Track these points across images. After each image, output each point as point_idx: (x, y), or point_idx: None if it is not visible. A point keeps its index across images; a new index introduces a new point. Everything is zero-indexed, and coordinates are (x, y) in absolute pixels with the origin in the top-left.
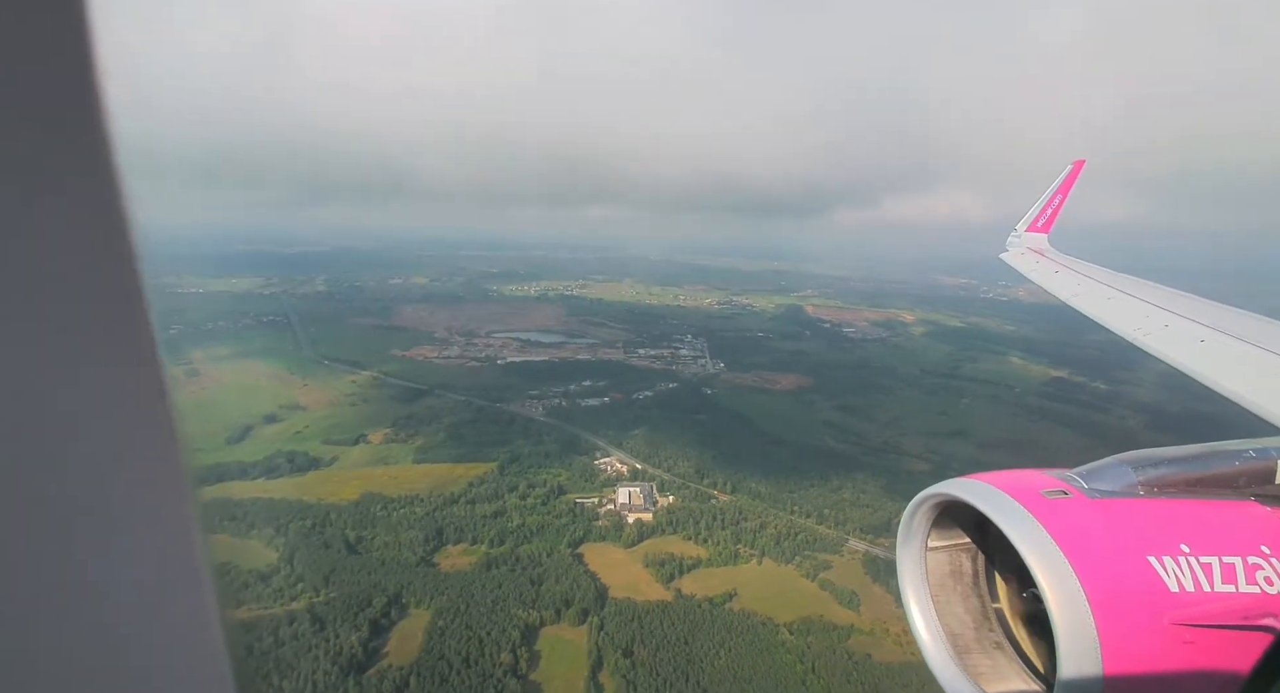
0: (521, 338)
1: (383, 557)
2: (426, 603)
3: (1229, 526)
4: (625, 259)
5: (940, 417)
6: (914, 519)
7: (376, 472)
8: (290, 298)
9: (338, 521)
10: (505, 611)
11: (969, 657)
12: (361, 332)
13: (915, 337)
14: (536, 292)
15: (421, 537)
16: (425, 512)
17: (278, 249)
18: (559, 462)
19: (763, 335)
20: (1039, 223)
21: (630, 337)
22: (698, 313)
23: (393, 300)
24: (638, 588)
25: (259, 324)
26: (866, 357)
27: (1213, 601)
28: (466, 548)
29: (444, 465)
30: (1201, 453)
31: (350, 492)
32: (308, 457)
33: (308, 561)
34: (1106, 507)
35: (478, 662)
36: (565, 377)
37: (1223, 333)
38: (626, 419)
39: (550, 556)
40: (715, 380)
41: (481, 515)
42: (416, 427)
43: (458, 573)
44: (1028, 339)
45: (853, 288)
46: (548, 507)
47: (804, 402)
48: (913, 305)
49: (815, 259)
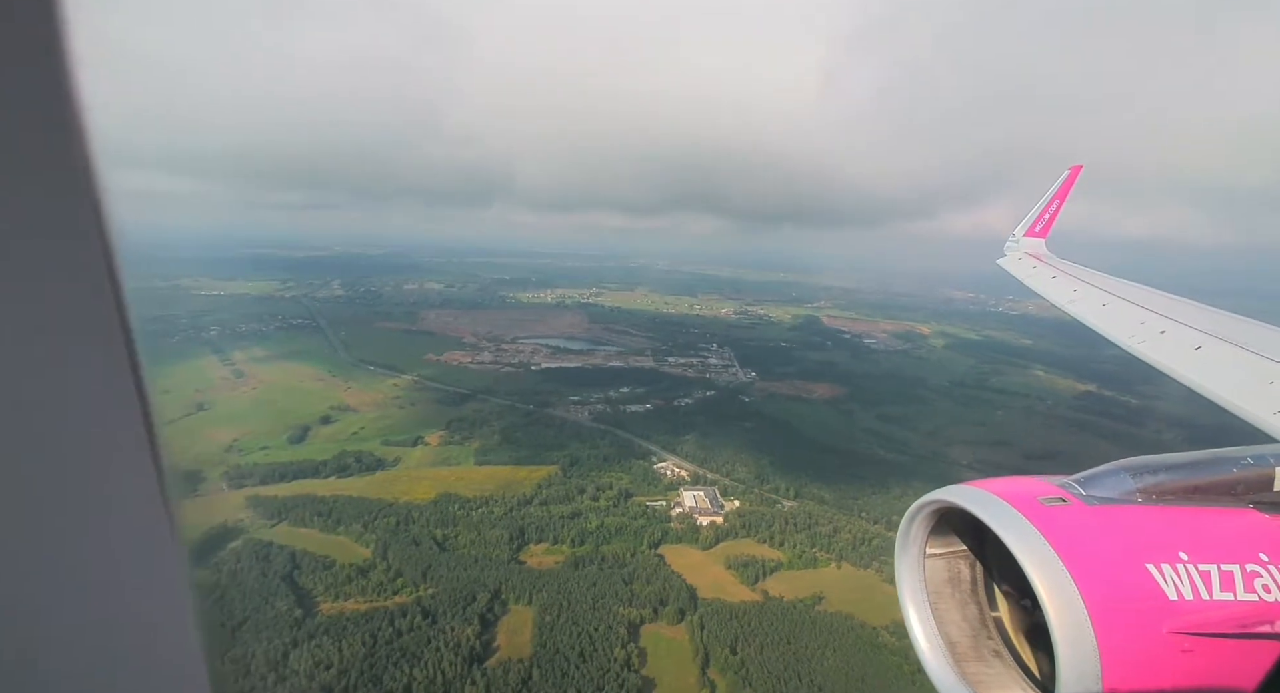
0: (549, 344)
1: (474, 554)
2: (525, 599)
3: (1227, 533)
4: (631, 268)
5: (980, 428)
6: (912, 526)
7: (442, 472)
8: (311, 302)
9: (419, 519)
10: (606, 608)
11: (968, 665)
12: (390, 336)
13: (936, 349)
14: (553, 299)
15: (505, 536)
16: (503, 512)
17: (286, 253)
18: (617, 466)
19: (785, 345)
20: (1036, 227)
21: (655, 345)
22: (716, 322)
23: (413, 306)
24: (724, 589)
25: (289, 327)
26: (893, 368)
27: (1212, 609)
28: (549, 547)
29: (506, 468)
30: (1200, 460)
31: (423, 492)
32: (373, 457)
33: (403, 557)
34: (1105, 514)
35: (591, 657)
36: (602, 383)
37: (1220, 339)
38: (673, 425)
39: (633, 556)
40: (750, 389)
41: (558, 516)
42: (469, 430)
43: (547, 571)
44: (1047, 353)
45: (863, 300)
46: (620, 509)
47: (842, 411)
48: (927, 318)
49: (820, 270)
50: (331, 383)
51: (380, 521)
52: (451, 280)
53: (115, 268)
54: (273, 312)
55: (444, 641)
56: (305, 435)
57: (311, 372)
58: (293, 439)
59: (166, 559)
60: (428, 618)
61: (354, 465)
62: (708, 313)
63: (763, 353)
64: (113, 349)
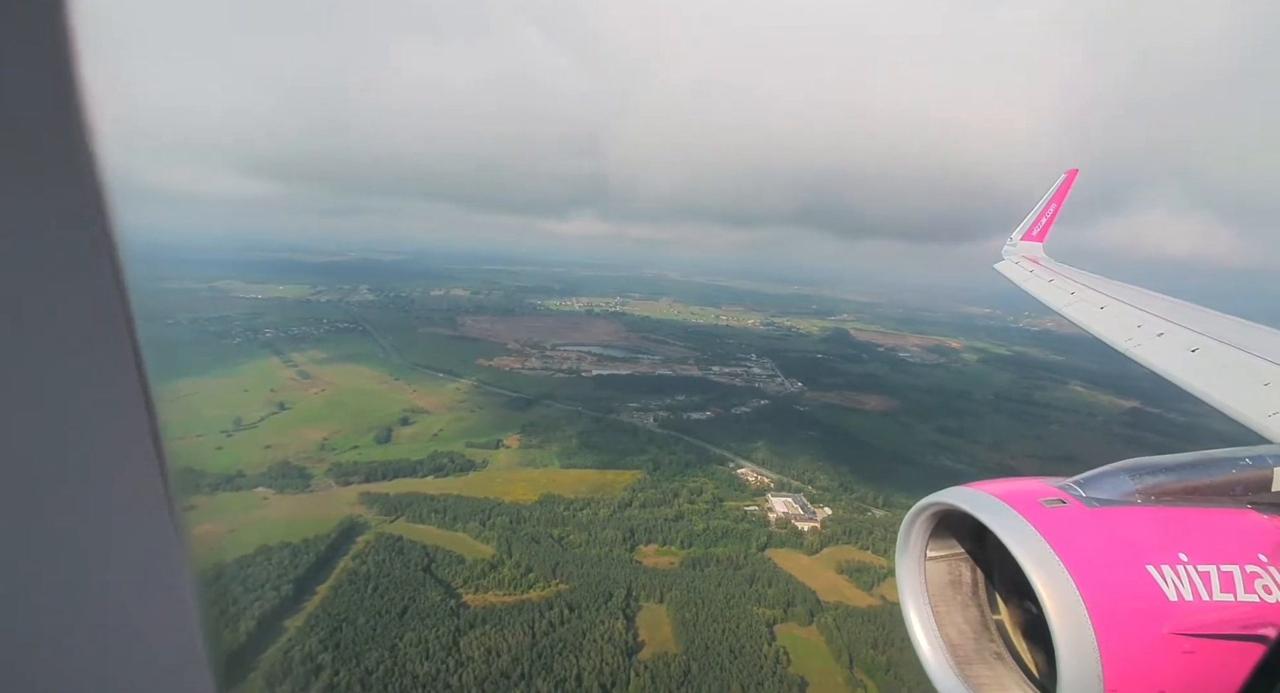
0: (591, 352)
1: (593, 553)
2: (655, 597)
3: (1227, 534)
4: (645, 278)
5: (1039, 442)
6: (912, 529)
7: (533, 474)
8: (348, 306)
9: (530, 518)
10: (739, 607)
11: (969, 668)
12: (436, 341)
13: (971, 363)
14: (581, 307)
15: (619, 536)
16: (608, 514)
17: (306, 258)
18: (699, 471)
19: (822, 356)
20: (1034, 231)
21: (695, 354)
22: (747, 333)
23: (447, 311)
24: (841, 592)
25: (337, 330)
26: (935, 381)
27: (1212, 610)
28: (659, 548)
29: (592, 471)
30: (1199, 461)
31: (522, 493)
32: (463, 458)
33: (529, 554)
34: (1105, 515)
35: (741, 653)
36: (657, 390)
37: (1217, 341)
38: (740, 433)
39: (745, 559)
40: (802, 399)
41: (661, 519)
42: (544, 434)
43: (667, 571)
44: (1081, 369)
45: (884, 314)
46: (717, 513)
47: (900, 423)
48: (953, 333)
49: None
50: (395, 386)
51: (494, 519)
52: (475, 287)
53: (119, 267)
54: (315, 315)
55: (599, 633)
56: (389, 436)
57: (372, 374)
58: (379, 439)
59: (171, 559)
60: (574, 612)
61: (448, 466)
62: (736, 324)
63: (802, 364)
64: (117, 348)
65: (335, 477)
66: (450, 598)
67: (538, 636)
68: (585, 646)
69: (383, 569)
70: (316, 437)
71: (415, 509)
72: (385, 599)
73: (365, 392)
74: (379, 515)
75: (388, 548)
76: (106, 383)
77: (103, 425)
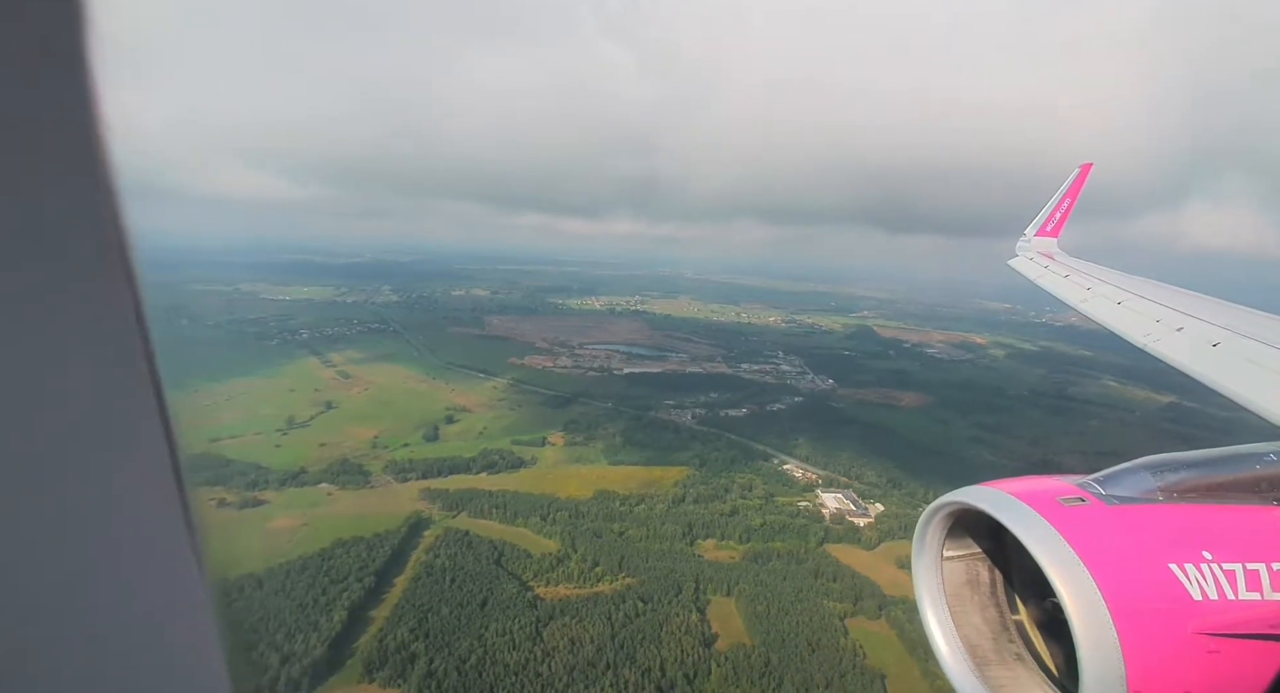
0: (619, 350)
1: (655, 548)
2: (722, 590)
3: (1252, 531)
4: (660, 277)
5: (1080, 437)
6: (928, 529)
7: (583, 471)
8: (373, 307)
9: (588, 513)
10: (808, 601)
11: (989, 669)
12: (466, 340)
13: (999, 359)
14: (602, 306)
15: (678, 531)
16: (663, 509)
17: (324, 259)
18: (744, 467)
19: (849, 353)
20: (1048, 227)
21: (722, 351)
22: (770, 331)
23: (471, 311)
24: (904, 587)
25: (368, 331)
26: (965, 377)
27: (1237, 609)
28: (718, 543)
29: (639, 468)
30: (1221, 457)
31: (576, 489)
32: (513, 455)
33: (594, 548)
34: (1125, 514)
35: (818, 646)
36: (690, 388)
37: (1240, 335)
38: (779, 429)
39: (806, 553)
40: (835, 396)
41: (717, 514)
42: (586, 431)
43: (728, 564)
44: (1110, 364)
45: (904, 310)
46: (770, 509)
47: (937, 419)
48: (976, 329)
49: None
50: (433, 385)
51: (553, 514)
52: (495, 287)
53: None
54: (345, 316)
55: (675, 625)
56: (437, 434)
57: (409, 374)
58: (427, 437)
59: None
60: (647, 604)
61: (500, 462)
62: (757, 322)
63: (830, 361)
64: (129, 347)
65: (393, 473)
66: (524, 591)
67: (616, 627)
68: (663, 637)
69: (456, 563)
70: (367, 434)
71: (475, 505)
72: (464, 591)
73: (406, 391)
74: (442, 511)
75: (456, 542)
76: (119, 383)
77: (114, 426)
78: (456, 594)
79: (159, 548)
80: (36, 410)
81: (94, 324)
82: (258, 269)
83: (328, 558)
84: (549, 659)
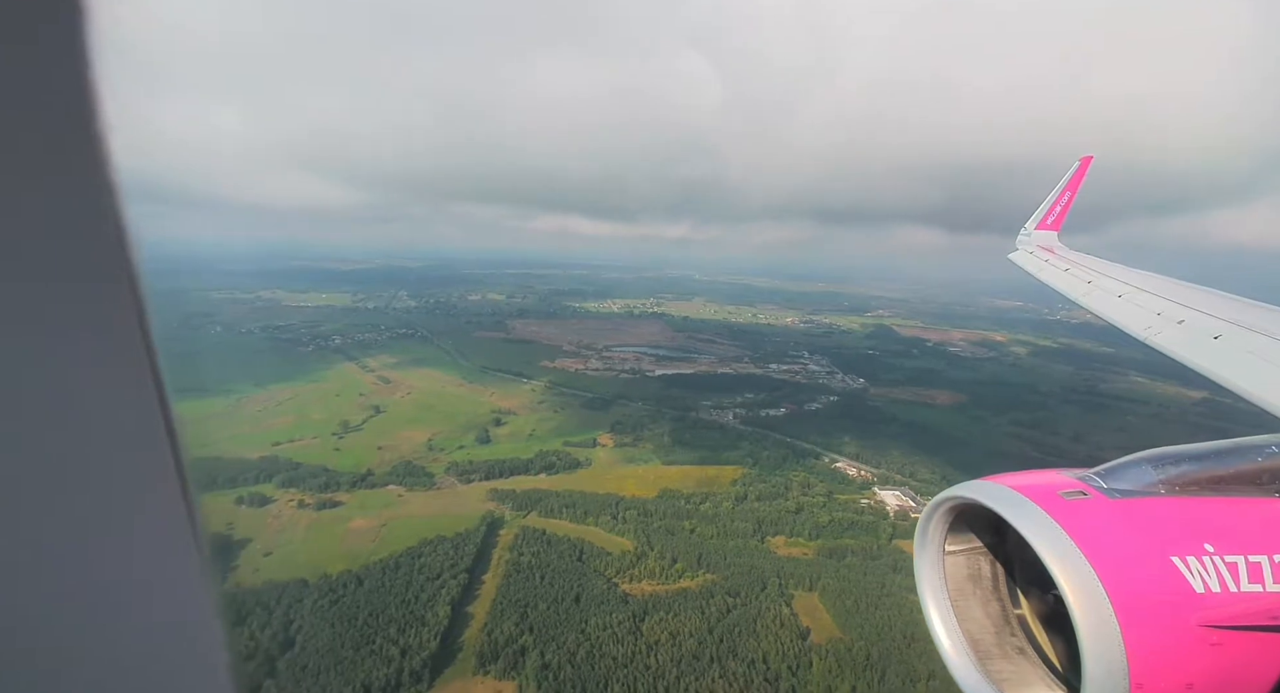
0: (646, 352)
1: (731, 545)
2: (804, 585)
3: (1254, 523)
4: (668, 279)
5: (1122, 434)
6: (930, 523)
7: (638, 471)
8: (394, 312)
9: (656, 511)
10: (894, 595)
11: (991, 663)
12: (493, 344)
13: (1022, 356)
14: (619, 309)
15: (748, 528)
16: (729, 506)
17: (332, 265)
18: (796, 465)
19: (873, 353)
20: (1049, 220)
21: (747, 352)
22: (790, 331)
23: (491, 316)
24: None
25: (397, 336)
26: (994, 375)
27: (1240, 601)
28: (787, 539)
29: (693, 467)
30: (1223, 449)
31: (634, 488)
32: (569, 456)
33: (671, 546)
34: (1127, 507)
35: (914, 639)
36: (723, 389)
37: (1242, 327)
38: (822, 428)
39: (879, 549)
40: (869, 395)
41: (783, 511)
42: (634, 432)
43: (803, 560)
44: (1136, 360)
45: (918, 309)
46: (834, 506)
47: (974, 417)
48: (993, 327)
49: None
50: (472, 388)
51: (622, 513)
52: (510, 291)
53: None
54: (369, 322)
55: (769, 619)
56: (488, 436)
57: (446, 378)
58: (479, 439)
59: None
60: (734, 597)
61: (557, 463)
62: (775, 322)
63: (857, 360)
64: (132, 349)
65: (455, 475)
66: (611, 587)
67: (711, 622)
68: (758, 630)
69: (540, 560)
70: (421, 438)
71: (544, 505)
72: (555, 587)
73: (447, 395)
74: (512, 511)
75: (534, 540)
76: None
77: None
78: (548, 590)
79: (162, 550)
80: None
81: (96, 325)
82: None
83: (417, 556)
84: (653, 652)
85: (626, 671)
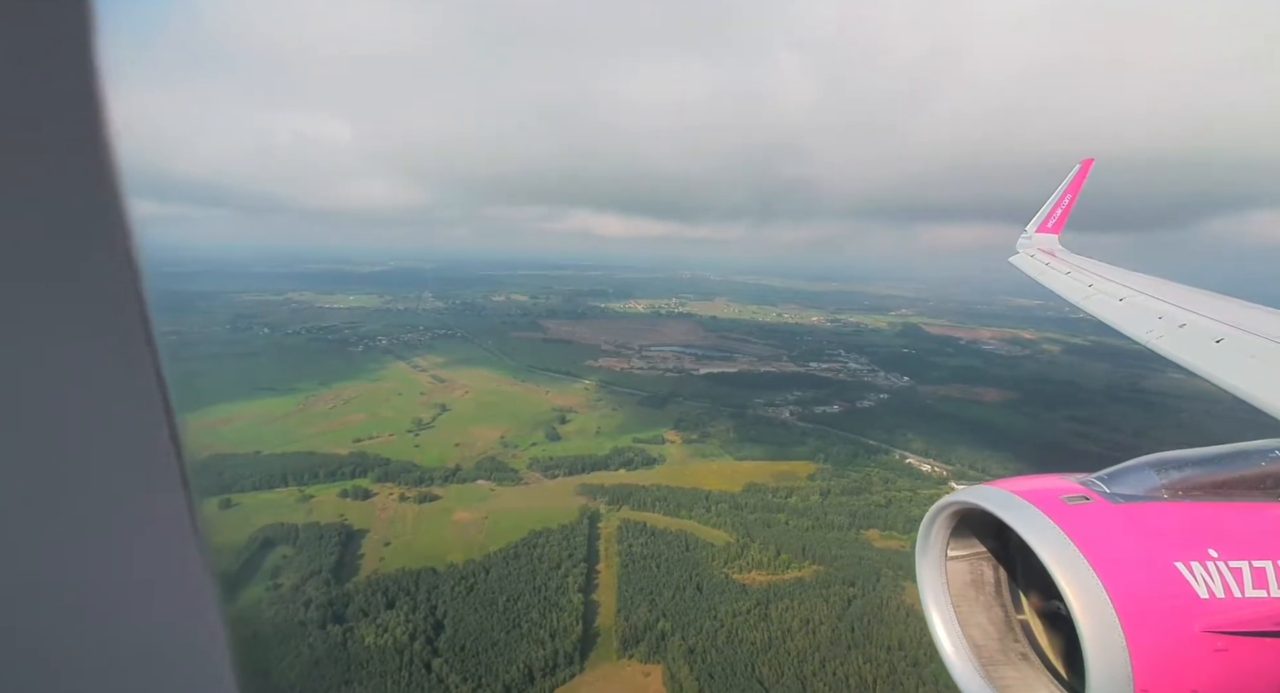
0: (685, 351)
1: (830, 538)
2: (909, 575)
3: (1258, 528)
4: (686, 279)
5: (1179, 431)
6: (932, 528)
7: (713, 466)
8: (425, 314)
9: (746, 505)
10: None
11: (995, 669)
12: (533, 344)
13: (1055, 354)
14: (645, 309)
15: (844, 521)
16: (817, 500)
17: (353, 268)
18: (867, 461)
19: (909, 351)
20: (1049, 223)
21: (783, 351)
22: (819, 330)
23: (522, 316)
24: None
25: (438, 336)
26: (1034, 372)
27: (1244, 607)
28: (880, 533)
29: (766, 463)
30: (1226, 454)
31: (715, 482)
32: (644, 453)
33: (773, 538)
34: (1130, 512)
35: None
36: (771, 387)
37: (1243, 331)
38: (881, 425)
39: None
40: (917, 393)
41: (872, 505)
42: (697, 428)
43: (901, 552)
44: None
45: (940, 308)
46: (920, 500)
47: (1027, 414)
48: (1020, 325)
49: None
50: (525, 387)
51: (714, 506)
52: (531, 293)
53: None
54: (407, 323)
55: (893, 607)
56: (557, 433)
57: (497, 377)
58: (550, 436)
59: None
60: (854, 587)
61: (635, 459)
62: (801, 322)
63: (894, 358)
64: (134, 348)
65: (539, 470)
66: (725, 576)
67: (838, 610)
68: (885, 618)
69: (650, 551)
70: (492, 435)
71: (635, 499)
72: (674, 576)
73: (504, 394)
74: (607, 505)
75: (637, 533)
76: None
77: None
78: (668, 579)
79: (165, 551)
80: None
81: (98, 326)
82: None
83: (531, 547)
84: (789, 638)
85: (771, 654)
